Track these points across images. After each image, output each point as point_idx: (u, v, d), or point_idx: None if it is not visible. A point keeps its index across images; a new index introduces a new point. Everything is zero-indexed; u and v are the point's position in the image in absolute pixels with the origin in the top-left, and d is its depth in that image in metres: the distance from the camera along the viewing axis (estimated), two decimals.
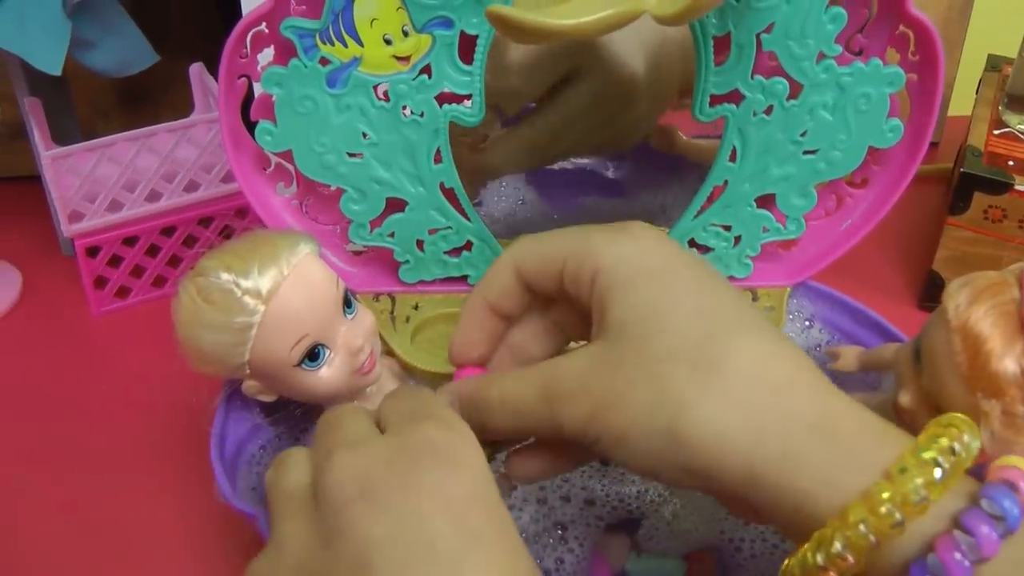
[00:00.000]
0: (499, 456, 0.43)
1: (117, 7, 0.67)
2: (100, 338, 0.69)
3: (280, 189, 0.56)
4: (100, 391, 0.65)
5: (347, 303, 0.48)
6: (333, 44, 0.50)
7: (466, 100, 0.53)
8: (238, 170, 0.55)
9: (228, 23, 0.51)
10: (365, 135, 0.53)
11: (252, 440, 0.52)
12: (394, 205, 0.55)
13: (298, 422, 0.53)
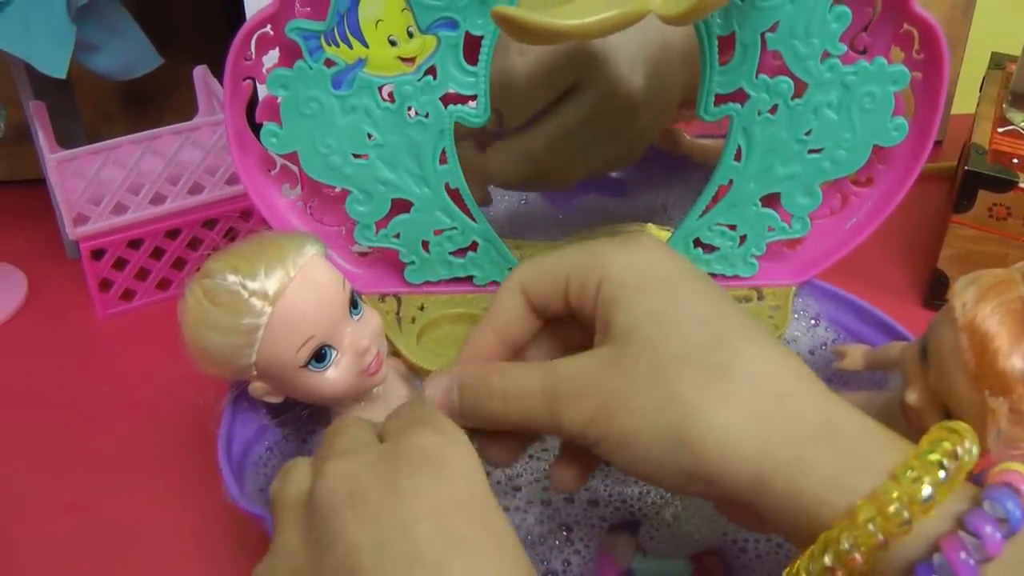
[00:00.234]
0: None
1: (121, 10, 0.67)
2: (105, 341, 0.69)
3: (285, 191, 0.56)
4: (106, 393, 0.65)
5: (353, 304, 0.48)
6: (338, 45, 0.50)
7: (471, 101, 0.53)
8: (243, 172, 0.55)
9: (232, 26, 0.51)
10: (370, 136, 0.53)
11: (259, 441, 0.52)
12: (399, 206, 0.55)
13: (305, 423, 0.53)
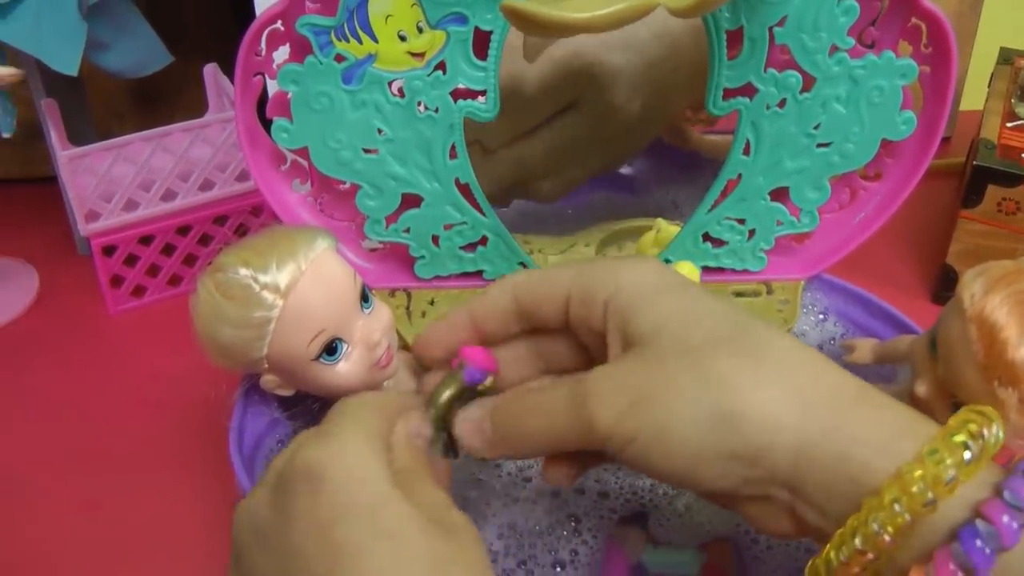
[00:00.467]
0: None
1: (132, 9, 0.68)
2: (116, 336, 0.70)
3: (296, 186, 0.57)
4: (117, 389, 0.65)
5: (364, 298, 0.49)
6: (348, 41, 0.50)
7: (480, 96, 0.53)
8: (254, 167, 0.55)
9: (241, 24, 0.51)
10: (380, 131, 0.53)
11: (270, 434, 0.52)
12: (409, 201, 0.56)
13: (316, 416, 0.53)
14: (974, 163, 0.66)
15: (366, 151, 0.54)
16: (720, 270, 0.60)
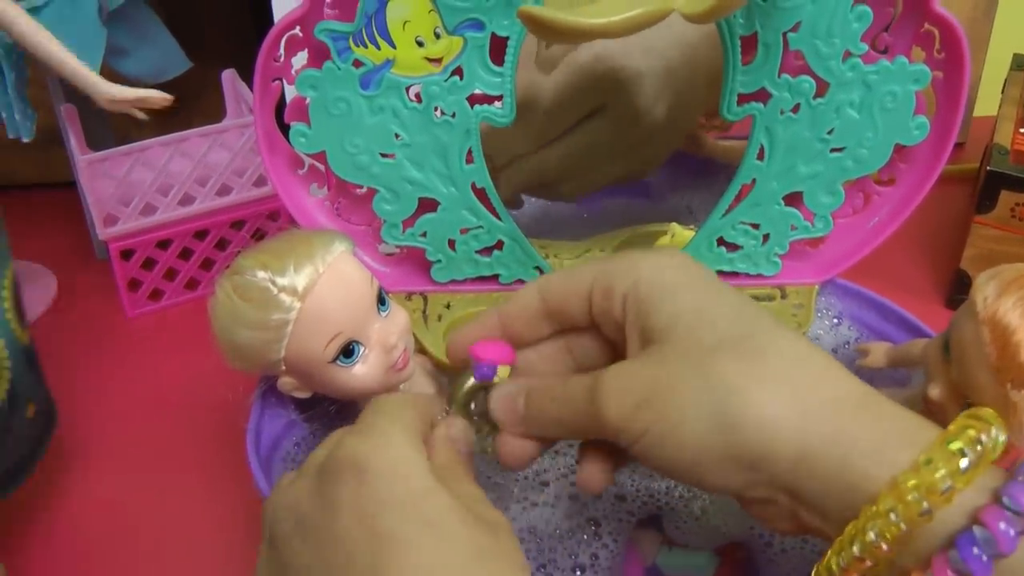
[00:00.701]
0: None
1: (151, 15, 0.68)
2: (134, 340, 0.70)
3: (313, 190, 0.57)
4: (135, 392, 0.66)
5: (381, 301, 0.49)
6: (366, 46, 0.51)
7: (497, 101, 0.53)
8: (272, 172, 0.55)
9: (259, 31, 0.52)
10: (398, 136, 0.54)
11: (287, 436, 0.52)
12: (426, 205, 0.56)
13: (332, 419, 0.53)
14: (987, 168, 0.66)
15: (383, 156, 0.54)
16: (734, 275, 0.60)
